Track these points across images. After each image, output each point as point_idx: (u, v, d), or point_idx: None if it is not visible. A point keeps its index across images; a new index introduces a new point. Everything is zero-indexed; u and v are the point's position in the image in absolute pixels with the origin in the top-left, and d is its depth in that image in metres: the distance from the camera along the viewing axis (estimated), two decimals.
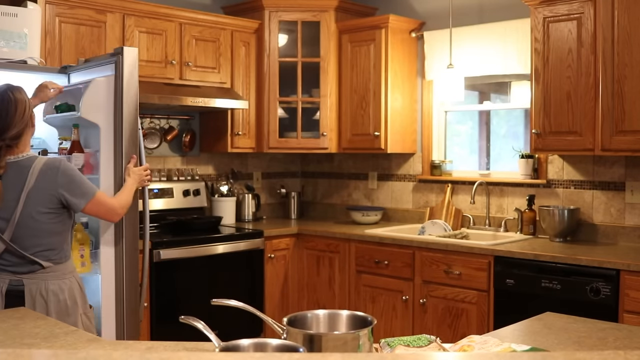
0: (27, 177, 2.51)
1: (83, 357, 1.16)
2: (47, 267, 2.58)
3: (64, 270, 2.63)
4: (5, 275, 2.56)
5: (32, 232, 2.55)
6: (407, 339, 1.80)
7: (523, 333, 2.15)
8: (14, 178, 2.53)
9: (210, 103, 4.39)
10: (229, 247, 4.31)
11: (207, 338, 1.63)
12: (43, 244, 2.57)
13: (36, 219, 2.55)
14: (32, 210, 2.53)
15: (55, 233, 2.61)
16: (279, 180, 5.46)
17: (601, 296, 3.33)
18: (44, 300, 2.54)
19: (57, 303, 2.57)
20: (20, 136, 2.56)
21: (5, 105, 2.52)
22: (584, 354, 1.22)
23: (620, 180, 3.95)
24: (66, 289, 2.61)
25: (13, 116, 2.52)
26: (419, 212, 4.85)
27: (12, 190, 2.52)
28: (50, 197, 2.56)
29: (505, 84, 4.64)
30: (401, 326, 4.13)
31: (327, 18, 4.82)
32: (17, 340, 1.94)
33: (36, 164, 2.55)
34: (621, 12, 3.54)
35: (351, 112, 4.81)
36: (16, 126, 2.53)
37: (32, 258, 2.55)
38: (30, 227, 2.55)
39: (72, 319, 2.60)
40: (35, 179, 2.52)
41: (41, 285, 2.55)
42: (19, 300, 2.51)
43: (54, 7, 3.83)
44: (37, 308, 2.52)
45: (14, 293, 2.54)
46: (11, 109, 2.52)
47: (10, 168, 2.53)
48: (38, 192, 2.53)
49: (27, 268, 2.56)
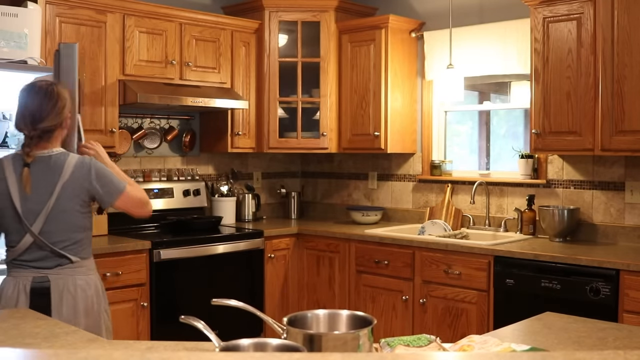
0: (62, 170, 2.51)
1: (83, 357, 1.16)
2: (75, 262, 2.56)
3: (89, 266, 2.63)
4: (28, 272, 2.52)
5: (63, 226, 2.53)
6: (407, 339, 1.80)
7: (523, 333, 2.15)
8: (46, 172, 2.52)
9: (211, 103, 4.39)
10: (229, 247, 4.31)
11: (207, 338, 1.63)
12: (72, 238, 2.56)
13: (69, 213, 2.54)
14: (66, 203, 2.52)
15: (84, 228, 2.60)
16: (279, 180, 5.46)
17: (601, 296, 3.34)
18: (71, 297, 2.51)
19: (85, 299, 2.54)
20: (52, 131, 2.56)
21: (47, 96, 2.53)
22: (584, 354, 1.22)
23: (620, 180, 3.95)
24: (92, 284, 2.59)
25: (51, 109, 2.53)
26: (419, 212, 4.85)
27: (45, 184, 2.51)
28: (84, 191, 2.55)
29: (505, 84, 4.64)
30: (401, 326, 4.13)
31: (327, 18, 4.82)
32: (17, 340, 1.95)
33: (70, 158, 2.56)
34: (621, 13, 3.55)
35: (351, 112, 4.81)
36: (51, 120, 2.53)
37: (61, 252, 2.52)
38: (62, 220, 2.53)
39: (96, 315, 2.59)
40: (70, 173, 2.52)
41: (68, 281, 2.52)
42: (45, 298, 2.48)
43: (54, 7, 3.83)
44: (64, 305, 2.49)
45: (39, 290, 2.49)
46: (51, 102, 2.53)
47: (42, 162, 2.52)
48: (73, 185, 2.53)
49: (55, 262, 2.53)
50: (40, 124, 2.51)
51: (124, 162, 4.52)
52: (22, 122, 2.52)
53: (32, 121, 2.50)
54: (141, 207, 2.68)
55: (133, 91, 4.05)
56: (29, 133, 2.50)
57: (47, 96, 2.54)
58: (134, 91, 4.05)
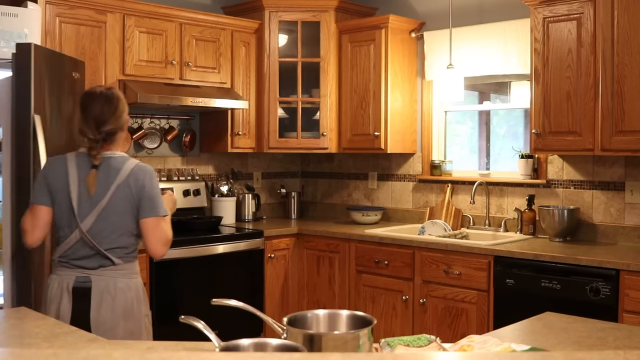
0: (119, 172, 2.57)
1: (83, 357, 1.16)
2: (118, 265, 2.58)
3: (131, 270, 2.63)
4: (72, 271, 2.56)
5: (111, 227, 2.57)
6: (407, 339, 1.80)
7: (523, 333, 2.15)
8: (106, 173, 2.58)
9: (211, 103, 4.39)
10: (229, 247, 4.31)
11: (207, 338, 1.63)
12: (118, 240, 2.58)
13: (118, 215, 2.57)
14: (117, 205, 2.56)
15: (131, 232, 2.62)
16: (279, 180, 5.46)
17: (601, 296, 3.34)
18: (111, 298, 2.54)
19: (124, 301, 2.56)
20: (114, 134, 2.63)
21: (108, 101, 2.62)
22: (584, 353, 1.22)
23: (620, 180, 3.95)
24: (133, 287, 2.61)
25: (113, 113, 2.61)
26: (419, 212, 4.85)
27: (102, 184, 2.56)
28: (134, 195, 2.58)
29: (505, 84, 4.64)
30: (401, 326, 4.13)
31: (327, 18, 4.82)
32: (17, 340, 1.95)
33: (130, 162, 2.62)
34: (621, 13, 3.55)
35: (351, 112, 4.81)
36: (112, 123, 2.60)
37: (105, 253, 2.55)
38: (111, 221, 2.56)
39: (136, 319, 2.60)
40: (127, 175, 2.57)
41: (109, 282, 2.55)
42: (86, 298, 2.52)
43: (54, 7, 3.83)
44: (103, 305, 2.52)
45: (81, 290, 2.53)
46: (112, 106, 2.62)
47: (103, 163, 2.59)
48: (126, 188, 2.57)
49: (97, 263, 2.56)
50: (103, 128, 2.58)
51: None
52: (86, 126, 2.58)
53: (96, 125, 2.57)
54: (161, 243, 2.63)
55: (133, 91, 4.05)
56: (94, 137, 2.57)
57: (108, 101, 2.62)
58: (134, 91, 4.05)
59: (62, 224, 2.59)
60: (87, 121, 2.59)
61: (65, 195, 2.56)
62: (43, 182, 2.60)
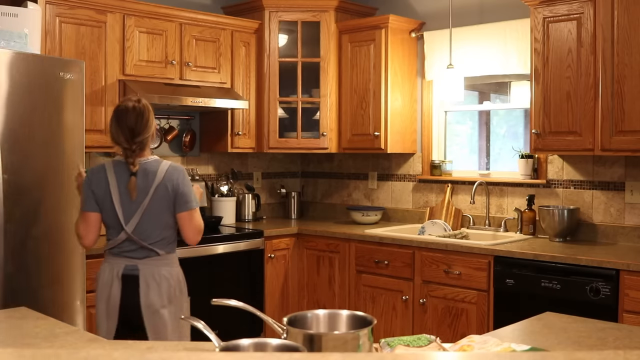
0: (156, 174, 2.88)
1: (84, 357, 1.16)
2: (161, 255, 2.90)
3: (172, 260, 2.95)
4: (122, 260, 2.87)
5: (153, 225, 2.88)
6: (407, 339, 1.80)
7: (523, 333, 2.15)
8: (143, 177, 2.88)
9: (211, 103, 4.39)
10: (229, 247, 4.31)
11: (207, 338, 1.63)
12: (160, 235, 2.89)
13: (158, 213, 2.88)
14: (157, 204, 2.87)
15: (170, 226, 2.93)
16: (279, 180, 5.46)
17: (601, 296, 3.34)
18: (156, 284, 2.85)
19: (168, 287, 2.87)
20: (147, 142, 2.94)
21: (140, 113, 2.91)
22: (584, 353, 1.22)
23: (620, 180, 3.95)
24: (174, 275, 2.93)
25: (146, 123, 2.91)
26: (419, 212, 4.85)
27: (141, 188, 2.86)
28: (170, 193, 2.89)
29: (505, 84, 4.64)
30: (401, 326, 4.13)
31: (327, 18, 4.82)
32: (17, 340, 1.95)
33: (163, 164, 2.94)
34: (621, 13, 3.55)
35: (351, 112, 4.81)
36: (144, 133, 2.91)
37: (149, 247, 2.87)
38: (152, 220, 2.88)
39: (178, 304, 2.91)
40: (163, 177, 2.88)
41: (154, 271, 2.86)
42: (134, 284, 2.83)
43: (54, 7, 3.83)
44: (150, 289, 2.83)
45: (129, 277, 2.85)
46: (143, 118, 2.91)
47: (141, 168, 2.89)
48: (163, 188, 2.88)
49: (144, 254, 2.88)
50: (137, 138, 2.88)
51: None
52: (122, 137, 2.88)
53: (132, 136, 2.87)
54: (196, 232, 2.97)
55: (133, 91, 4.05)
56: (130, 147, 2.87)
57: (140, 114, 2.91)
58: (134, 91, 4.05)
59: (110, 225, 2.90)
60: (123, 132, 2.88)
61: (109, 201, 2.87)
62: (89, 191, 2.90)
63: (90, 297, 3.61)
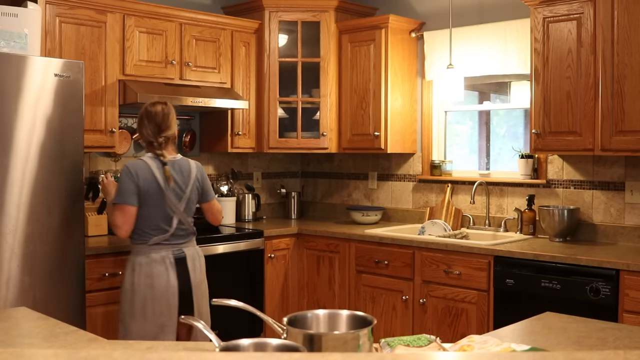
0: (190, 171, 3.39)
1: (83, 356, 1.16)
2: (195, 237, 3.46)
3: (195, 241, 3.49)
4: (169, 248, 3.30)
5: (189, 212, 3.39)
6: (407, 339, 1.80)
7: (523, 333, 2.15)
8: (178, 172, 3.34)
9: (211, 103, 4.39)
10: (229, 247, 4.31)
11: (207, 338, 1.63)
12: (191, 220, 3.41)
13: (193, 202, 3.41)
14: (192, 195, 3.40)
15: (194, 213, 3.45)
16: (279, 180, 5.46)
17: (601, 296, 3.34)
18: (198, 262, 3.38)
19: (202, 263, 3.43)
20: (171, 137, 3.38)
21: (167, 111, 3.37)
22: (584, 353, 1.22)
23: (620, 180, 3.95)
24: (202, 254, 3.48)
25: (170, 122, 3.37)
26: (419, 212, 4.85)
27: (180, 180, 3.33)
28: (199, 186, 3.43)
29: (505, 84, 4.64)
30: (401, 326, 4.13)
31: (327, 18, 4.82)
32: (17, 340, 1.95)
33: (191, 162, 3.45)
34: (621, 13, 3.55)
35: (351, 112, 4.81)
36: (169, 130, 3.35)
37: (193, 231, 3.41)
38: (189, 207, 3.39)
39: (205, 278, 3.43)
40: (195, 173, 3.41)
41: (193, 251, 3.40)
42: (183, 265, 3.31)
43: (54, 7, 3.83)
44: (196, 268, 3.35)
45: (179, 260, 3.30)
46: (168, 117, 3.37)
47: (173, 164, 3.33)
48: (196, 182, 3.41)
49: (187, 239, 3.38)
50: (163, 133, 3.33)
51: (124, 162, 4.51)
52: (151, 132, 3.33)
53: (159, 131, 3.33)
54: (220, 216, 3.60)
55: (133, 91, 4.06)
56: (157, 141, 3.31)
57: (165, 113, 3.37)
58: (134, 91, 4.05)
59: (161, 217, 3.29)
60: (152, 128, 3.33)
61: (157, 194, 3.26)
62: (132, 186, 3.23)
63: (90, 297, 3.62)
